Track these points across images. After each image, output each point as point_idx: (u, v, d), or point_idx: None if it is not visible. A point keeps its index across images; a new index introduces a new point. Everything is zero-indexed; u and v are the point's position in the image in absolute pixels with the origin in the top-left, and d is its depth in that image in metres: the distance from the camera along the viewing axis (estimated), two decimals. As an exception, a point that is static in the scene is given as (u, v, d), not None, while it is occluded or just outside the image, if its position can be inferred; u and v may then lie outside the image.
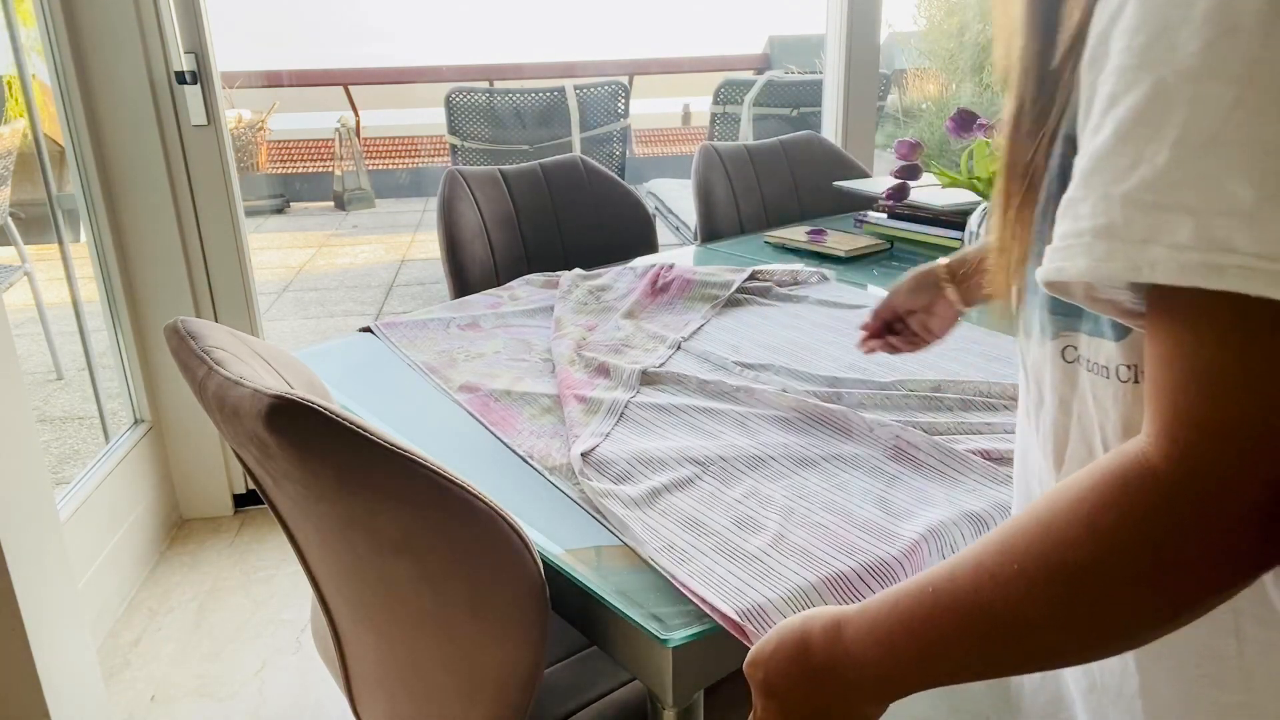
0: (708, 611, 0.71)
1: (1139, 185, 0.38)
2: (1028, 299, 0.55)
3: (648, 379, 1.13)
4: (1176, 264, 0.37)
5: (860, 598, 0.72)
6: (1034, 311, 0.54)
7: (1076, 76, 0.45)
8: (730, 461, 0.92)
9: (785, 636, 0.57)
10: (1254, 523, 0.38)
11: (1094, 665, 0.58)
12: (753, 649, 0.60)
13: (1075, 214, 0.42)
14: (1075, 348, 0.52)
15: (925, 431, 0.95)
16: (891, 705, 0.54)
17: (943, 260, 0.98)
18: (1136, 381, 0.48)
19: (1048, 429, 0.55)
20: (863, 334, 1.04)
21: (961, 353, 1.19)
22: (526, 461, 0.95)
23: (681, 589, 0.73)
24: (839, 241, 1.74)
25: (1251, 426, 0.37)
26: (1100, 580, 0.41)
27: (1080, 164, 0.42)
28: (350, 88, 6.53)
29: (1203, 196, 0.37)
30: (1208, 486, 0.38)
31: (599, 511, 0.85)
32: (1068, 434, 0.54)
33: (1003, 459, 0.90)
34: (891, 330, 1.02)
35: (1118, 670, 0.55)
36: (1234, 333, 0.38)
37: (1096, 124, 0.41)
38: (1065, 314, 0.51)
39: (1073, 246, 0.41)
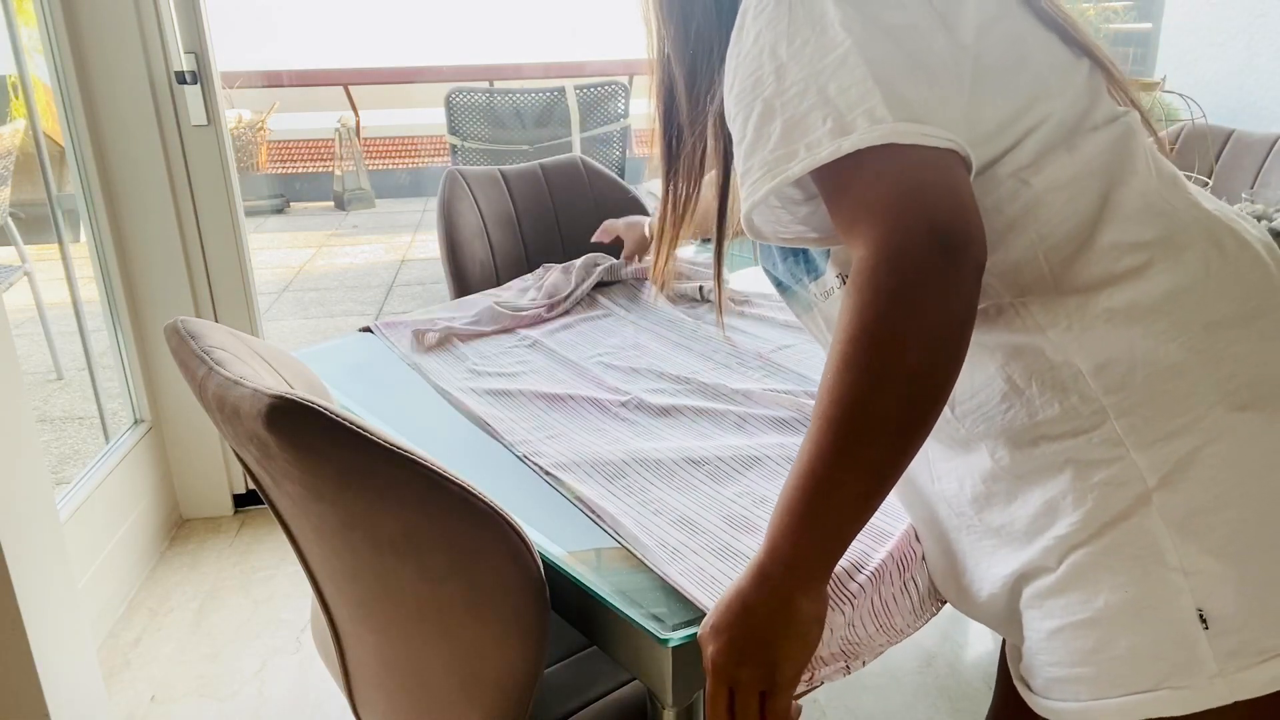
0: (700, 608, 0.71)
1: (775, 143, 0.61)
2: (808, 289, 0.76)
3: (651, 384, 1.13)
4: (813, 159, 0.59)
5: (850, 595, 0.73)
6: (812, 287, 0.76)
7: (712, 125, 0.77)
8: (726, 461, 0.92)
9: (723, 595, 0.65)
10: (924, 254, 0.55)
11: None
12: (700, 627, 0.66)
13: (750, 177, 0.63)
14: (823, 280, 0.74)
15: None
16: (891, 706, 0.55)
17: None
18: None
19: (836, 348, 0.65)
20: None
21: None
22: (524, 462, 0.95)
23: (675, 586, 0.73)
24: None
25: (901, 214, 0.56)
26: (873, 335, 0.55)
27: (740, 160, 0.65)
28: (350, 88, 6.53)
29: (799, 134, 0.60)
30: (896, 242, 0.55)
31: (594, 511, 0.85)
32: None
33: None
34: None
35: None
36: (848, 185, 0.59)
37: (739, 140, 0.65)
38: (814, 274, 0.75)
39: (757, 183, 0.62)
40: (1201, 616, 0.58)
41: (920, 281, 0.55)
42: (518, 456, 0.96)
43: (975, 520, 0.71)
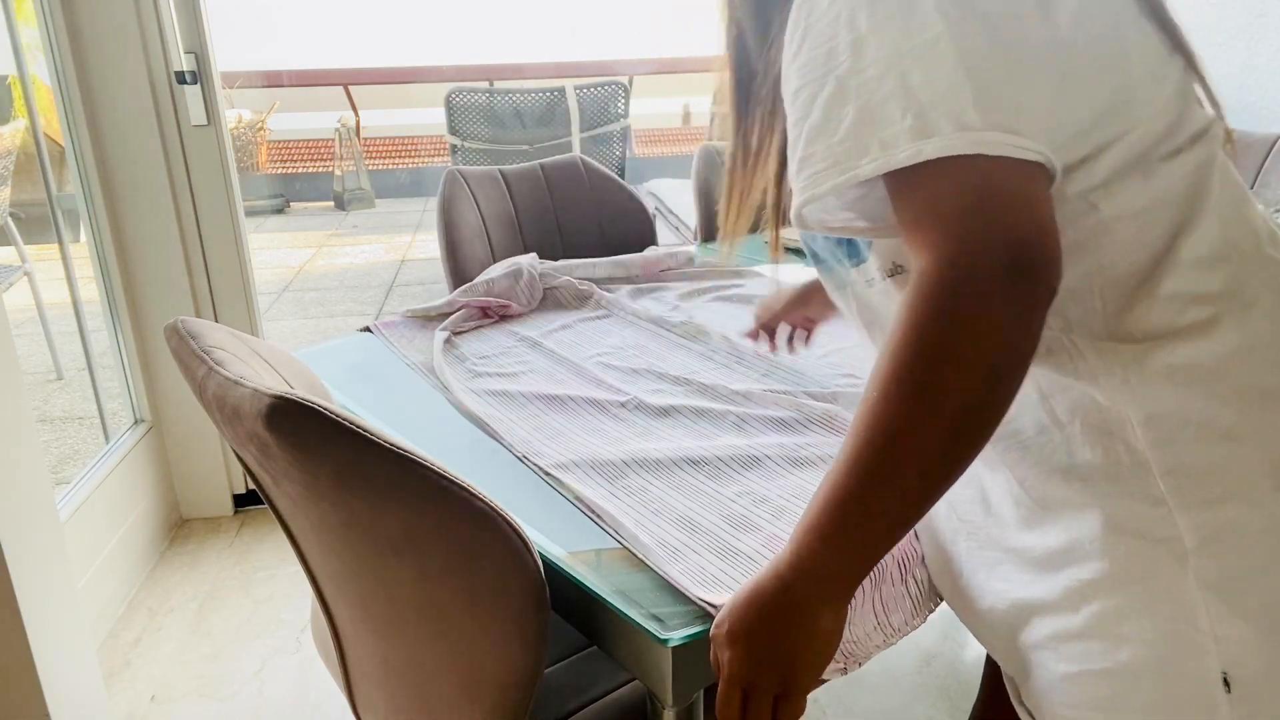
0: (697, 602, 0.71)
1: (845, 132, 0.55)
2: (851, 273, 0.71)
3: (651, 384, 1.13)
4: (888, 160, 0.54)
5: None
6: (853, 272, 0.71)
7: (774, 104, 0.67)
8: (726, 462, 0.92)
9: (739, 593, 0.63)
10: (996, 277, 0.51)
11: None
12: (712, 627, 0.64)
13: (810, 166, 0.58)
14: (867, 268, 0.68)
15: None
16: (891, 706, 0.55)
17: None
18: (892, 276, 0.66)
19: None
20: (756, 339, 1.19)
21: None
22: (524, 462, 0.95)
23: (676, 585, 0.73)
24: (839, 241, 1.74)
25: (976, 230, 0.52)
26: (928, 359, 0.52)
27: (800, 142, 0.59)
28: (350, 88, 6.53)
29: (873, 126, 0.55)
30: (967, 263, 0.51)
31: (594, 512, 0.85)
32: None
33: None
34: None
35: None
36: (921, 187, 0.54)
37: (801, 117, 0.59)
38: (855, 258, 0.69)
39: (819, 175, 0.57)
40: (1225, 680, 0.56)
41: (986, 308, 0.50)
42: (517, 457, 0.96)
43: (981, 529, 0.69)
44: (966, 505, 0.71)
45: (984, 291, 0.51)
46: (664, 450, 0.94)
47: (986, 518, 0.68)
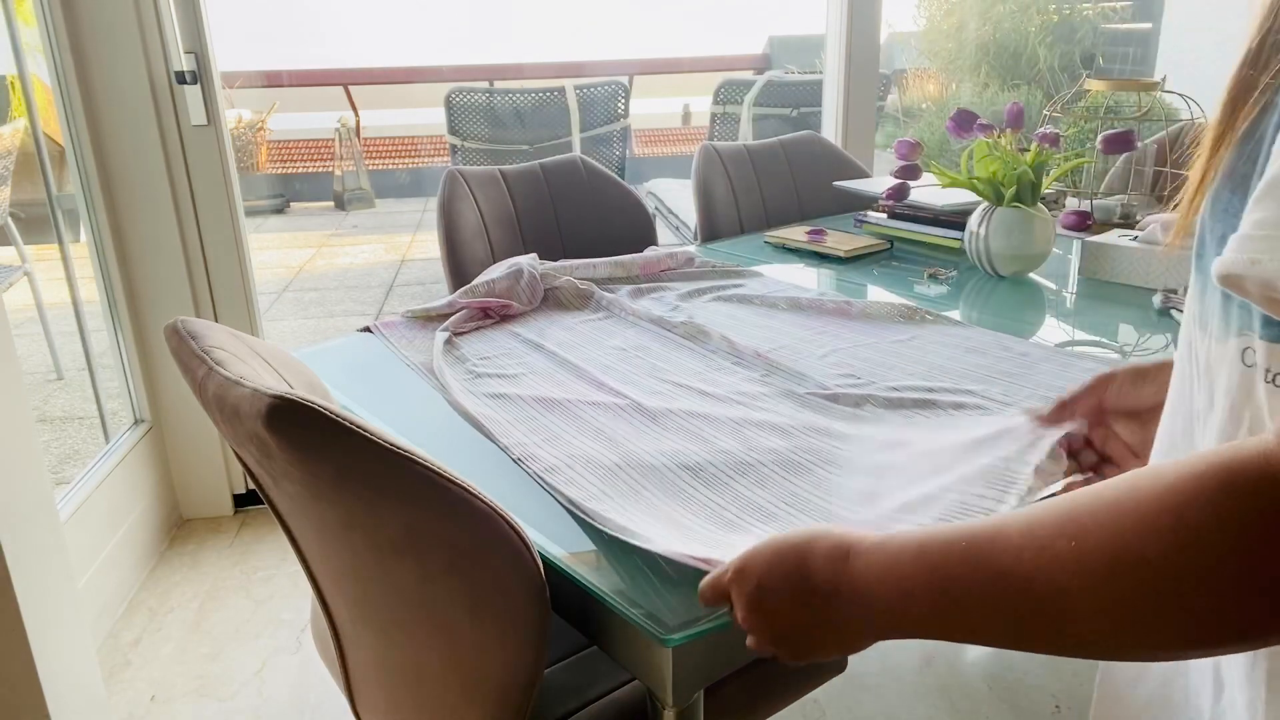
0: (676, 557, 0.72)
1: None
2: (1206, 286, 0.48)
3: (650, 386, 1.13)
4: None
5: None
6: (1212, 300, 0.47)
7: None
8: (720, 468, 0.91)
9: (784, 551, 0.55)
10: None
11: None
12: (743, 557, 0.57)
13: None
14: (1254, 350, 0.45)
15: (932, 468, 0.95)
16: (891, 706, 0.54)
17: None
18: None
19: (1212, 438, 0.48)
20: (1050, 428, 0.81)
21: (940, 346, 1.20)
22: (519, 465, 0.95)
23: (663, 554, 0.74)
24: (839, 241, 1.74)
25: None
26: (1171, 580, 0.38)
27: None
28: (350, 88, 6.53)
29: None
30: None
31: (583, 511, 0.84)
32: None
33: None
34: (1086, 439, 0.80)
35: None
36: None
37: None
38: (1249, 307, 0.45)
39: (1273, 238, 0.38)
40: None
41: None
42: (512, 459, 0.96)
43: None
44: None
45: None
46: (659, 453, 0.94)
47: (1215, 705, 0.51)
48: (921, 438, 0.93)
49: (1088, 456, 0.80)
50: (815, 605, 0.53)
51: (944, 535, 0.48)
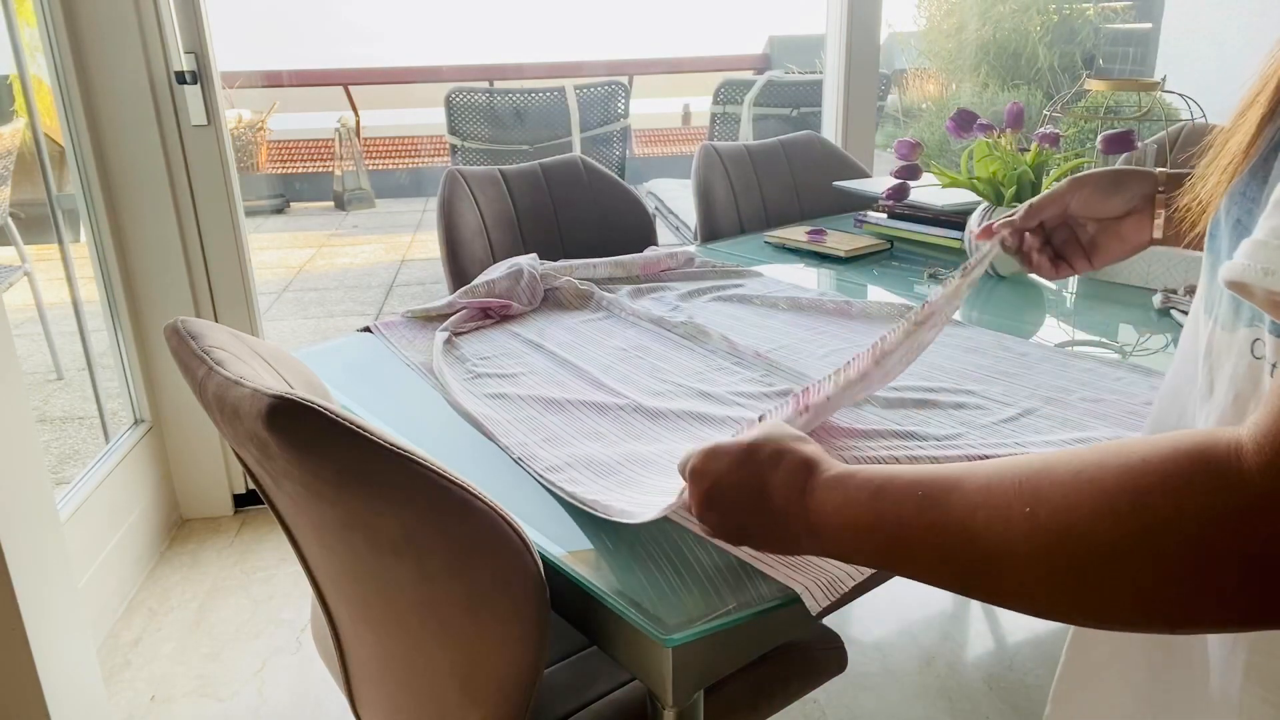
0: (669, 509, 0.74)
1: None
2: (1217, 269, 0.46)
3: (650, 386, 1.13)
4: None
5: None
6: (1222, 288, 0.47)
7: None
8: None
9: (746, 459, 0.57)
10: None
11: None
12: (707, 452, 0.60)
13: None
14: (1264, 342, 0.44)
15: (921, 439, 0.95)
16: (891, 706, 0.54)
17: (1157, 170, 0.79)
18: None
19: (1212, 424, 0.48)
20: (995, 232, 0.85)
21: (940, 345, 1.20)
22: (519, 465, 0.95)
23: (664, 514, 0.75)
24: (839, 241, 1.74)
25: None
26: (1120, 562, 0.38)
27: None
28: (350, 88, 6.53)
29: None
30: None
31: (582, 502, 0.84)
32: None
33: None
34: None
35: None
36: None
37: None
38: (1252, 319, 0.46)
39: None
40: None
41: (1254, 576, 0.35)
42: (512, 459, 0.96)
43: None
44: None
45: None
46: (659, 453, 0.94)
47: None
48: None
49: (1045, 253, 0.85)
50: (767, 515, 0.55)
51: (902, 479, 0.48)
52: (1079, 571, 0.39)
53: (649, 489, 0.86)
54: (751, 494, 0.56)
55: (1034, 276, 1.56)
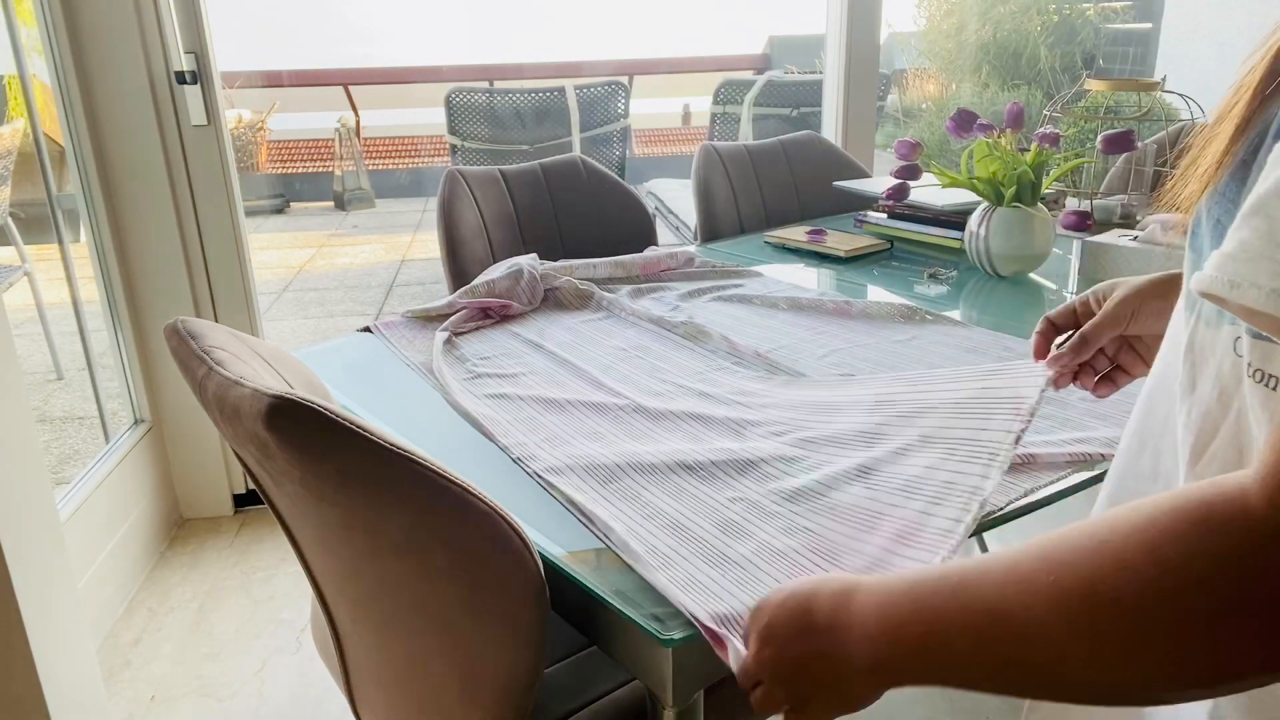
0: (682, 609, 0.70)
1: None
2: (1198, 267, 0.46)
3: (650, 386, 1.13)
4: None
5: None
6: (1225, 329, 0.47)
7: None
8: (720, 466, 0.91)
9: (795, 590, 0.57)
10: None
11: None
12: (762, 598, 0.59)
13: (1271, 224, 0.38)
14: (1243, 340, 0.45)
15: (921, 440, 0.95)
16: (891, 706, 0.54)
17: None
18: None
19: (1195, 419, 0.49)
20: (1050, 359, 0.83)
21: (940, 346, 1.20)
22: (519, 465, 0.95)
23: (662, 592, 0.73)
24: (839, 241, 1.74)
25: None
26: (1146, 617, 0.38)
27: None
28: (350, 88, 6.53)
29: None
30: None
31: (586, 516, 0.84)
32: (1217, 431, 0.48)
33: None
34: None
35: None
36: None
37: None
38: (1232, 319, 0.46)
39: (1258, 262, 0.38)
40: None
41: (1276, 622, 0.36)
42: (512, 459, 0.96)
43: None
44: None
45: None
46: (659, 454, 0.94)
47: None
48: (907, 394, 0.93)
49: (1101, 363, 0.82)
50: (817, 637, 0.54)
51: (934, 573, 0.49)
52: (1109, 634, 0.39)
53: (653, 512, 0.86)
54: (799, 616, 0.55)
55: (1034, 276, 1.56)
